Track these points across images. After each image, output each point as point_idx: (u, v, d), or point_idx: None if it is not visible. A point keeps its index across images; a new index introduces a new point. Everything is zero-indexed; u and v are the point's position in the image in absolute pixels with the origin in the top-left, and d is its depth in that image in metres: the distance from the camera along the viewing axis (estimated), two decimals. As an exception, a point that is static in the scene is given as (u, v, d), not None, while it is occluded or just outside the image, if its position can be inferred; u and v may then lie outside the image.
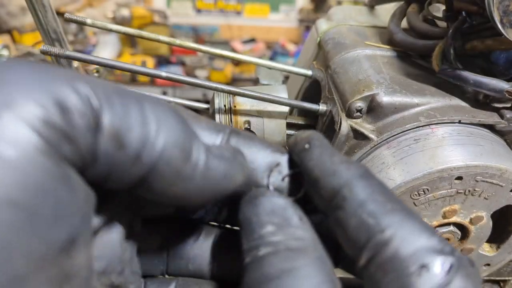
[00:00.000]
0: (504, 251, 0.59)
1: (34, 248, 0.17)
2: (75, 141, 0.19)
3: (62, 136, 0.18)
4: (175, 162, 0.22)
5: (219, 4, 3.95)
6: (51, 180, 0.18)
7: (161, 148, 0.21)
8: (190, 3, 3.94)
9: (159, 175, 0.22)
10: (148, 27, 3.31)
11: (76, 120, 0.19)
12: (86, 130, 0.19)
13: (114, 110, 0.20)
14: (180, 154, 0.22)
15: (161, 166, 0.21)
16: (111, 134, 0.20)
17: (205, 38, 3.74)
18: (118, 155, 0.20)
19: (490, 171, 0.49)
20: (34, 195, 0.17)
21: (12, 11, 2.90)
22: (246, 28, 3.94)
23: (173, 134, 0.22)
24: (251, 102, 0.60)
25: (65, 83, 0.19)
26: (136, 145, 0.21)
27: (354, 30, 0.70)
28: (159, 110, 0.22)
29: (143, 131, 0.21)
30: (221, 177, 0.24)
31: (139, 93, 0.22)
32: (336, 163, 0.24)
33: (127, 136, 0.20)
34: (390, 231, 0.21)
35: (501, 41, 0.52)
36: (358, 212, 0.22)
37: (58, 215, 0.18)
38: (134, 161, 0.21)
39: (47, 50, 0.54)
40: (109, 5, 3.61)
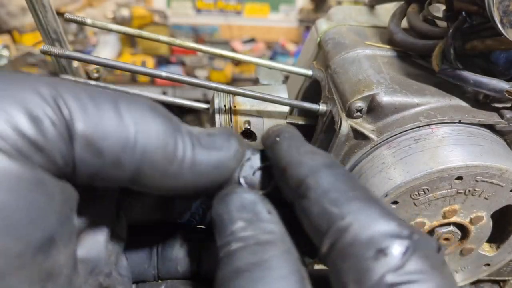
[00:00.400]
0: (504, 251, 0.59)
1: (10, 247, 0.18)
2: (47, 150, 0.19)
3: (33, 146, 0.19)
4: (160, 163, 0.22)
5: (219, 4, 3.95)
6: (24, 185, 0.18)
7: (142, 151, 0.21)
8: (190, 3, 3.95)
9: (145, 176, 0.22)
10: (148, 27, 3.32)
11: (47, 130, 0.19)
12: (59, 140, 0.19)
13: (87, 116, 0.20)
14: (163, 155, 0.22)
15: (146, 168, 0.22)
16: (86, 142, 0.20)
17: (205, 38, 3.74)
18: (96, 161, 0.21)
19: (490, 171, 0.49)
20: (7, 199, 0.18)
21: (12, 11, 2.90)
22: (246, 28, 3.94)
23: (154, 135, 0.22)
24: (251, 102, 0.60)
25: (35, 91, 0.19)
26: (115, 151, 0.21)
27: (354, 30, 0.70)
28: (137, 110, 0.22)
29: (121, 136, 0.21)
30: (211, 169, 0.24)
31: (114, 93, 0.22)
32: (302, 154, 0.24)
33: (103, 143, 0.20)
34: (349, 218, 0.21)
35: (501, 41, 0.52)
36: (320, 200, 0.22)
37: (32, 216, 0.19)
38: (114, 165, 0.21)
39: (47, 50, 0.54)
40: (109, 5, 3.61)
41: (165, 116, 0.23)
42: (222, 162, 0.25)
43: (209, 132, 0.25)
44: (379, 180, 0.51)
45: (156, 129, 0.22)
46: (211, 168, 0.24)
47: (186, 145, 0.23)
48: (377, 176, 0.52)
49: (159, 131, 0.22)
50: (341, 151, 0.56)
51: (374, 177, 0.52)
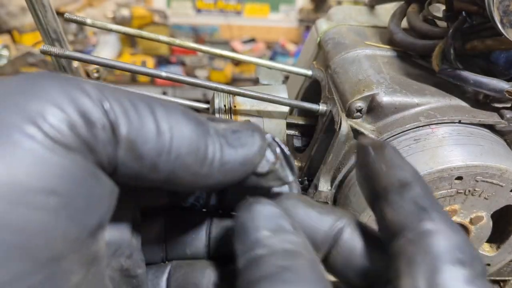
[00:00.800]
0: (504, 251, 0.59)
1: (70, 231, 0.19)
2: (97, 152, 0.21)
3: (86, 146, 0.21)
4: (192, 167, 0.24)
5: (219, 4, 3.95)
6: (84, 174, 0.20)
7: (176, 156, 0.23)
8: (190, 3, 3.95)
9: (178, 178, 0.24)
10: (148, 27, 3.31)
11: (98, 132, 0.21)
12: (107, 143, 0.21)
13: (130, 121, 0.22)
14: (195, 159, 0.23)
15: (179, 171, 0.23)
16: (129, 147, 0.22)
17: (205, 38, 3.74)
18: (136, 165, 0.22)
19: (490, 171, 0.49)
20: (70, 185, 0.20)
21: (12, 11, 2.90)
22: (246, 28, 3.94)
23: (186, 140, 0.23)
24: (251, 102, 0.60)
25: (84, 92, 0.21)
26: (153, 155, 0.22)
27: (354, 30, 0.70)
28: (171, 116, 0.23)
29: (158, 141, 0.22)
30: (238, 166, 0.26)
31: (150, 98, 0.23)
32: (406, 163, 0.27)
33: (143, 148, 0.22)
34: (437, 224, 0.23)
35: (501, 41, 0.52)
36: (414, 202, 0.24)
37: (90, 204, 0.21)
38: (151, 169, 0.23)
39: (47, 50, 0.54)
40: (109, 5, 3.61)
41: (195, 119, 0.24)
42: (248, 159, 0.26)
43: (234, 129, 0.26)
44: (379, 180, 0.51)
45: (189, 134, 0.23)
46: (238, 165, 0.26)
47: (215, 147, 0.24)
48: (377, 176, 0.52)
49: (191, 135, 0.23)
50: (341, 151, 0.56)
51: (374, 177, 0.52)
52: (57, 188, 0.19)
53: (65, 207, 0.19)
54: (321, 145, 0.61)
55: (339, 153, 0.56)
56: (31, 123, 0.19)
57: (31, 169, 0.18)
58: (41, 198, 0.18)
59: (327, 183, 0.59)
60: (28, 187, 0.18)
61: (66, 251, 0.19)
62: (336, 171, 0.58)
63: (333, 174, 0.58)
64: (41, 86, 0.20)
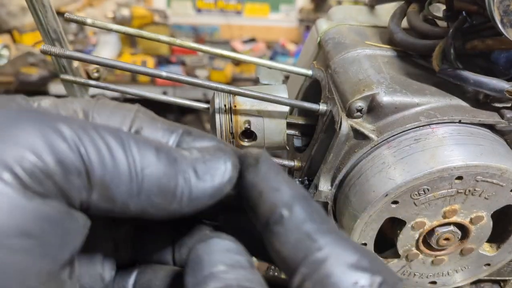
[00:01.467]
0: (504, 251, 0.59)
1: (44, 267, 0.21)
2: (71, 197, 0.22)
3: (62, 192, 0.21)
4: (161, 205, 0.25)
5: (219, 4, 3.95)
6: (57, 215, 0.21)
7: (147, 197, 0.24)
8: (190, 3, 3.95)
9: (148, 214, 0.25)
10: (148, 27, 3.31)
11: (74, 180, 0.22)
12: (82, 189, 0.22)
13: (105, 167, 0.22)
14: (164, 198, 0.24)
15: (148, 209, 0.24)
16: (102, 191, 0.23)
17: (205, 38, 3.74)
18: (108, 205, 0.23)
19: (490, 171, 0.49)
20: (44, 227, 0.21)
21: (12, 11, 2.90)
22: (246, 28, 3.94)
23: (157, 181, 0.24)
24: (251, 102, 0.60)
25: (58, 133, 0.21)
26: (124, 198, 0.23)
27: (354, 30, 0.70)
28: (144, 156, 0.24)
29: (130, 185, 0.23)
30: (208, 198, 0.26)
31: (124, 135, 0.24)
32: (280, 181, 0.25)
33: (115, 191, 0.23)
34: (327, 250, 0.23)
35: (501, 41, 0.52)
36: (297, 229, 0.23)
37: (63, 240, 0.22)
38: (122, 208, 0.24)
39: (47, 50, 0.54)
40: (109, 5, 3.61)
41: (167, 157, 0.25)
42: (217, 190, 0.26)
43: (206, 158, 0.27)
44: (379, 180, 0.51)
45: (159, 174, 0.24)
46: (208, 197, 0.26)
47: (185, 184, 0.25)
48: (377, 176, 0.52)
49: (162, 176, 0.24)
50: (341, 151, 0.56)
51: (374, 177, 0.52)
52: (31, 231, 0.20)
53: (39, 247, 0.20)
54: (321, 145, 0.61)
55: (339, 153, 0.56)
56: (8, 170, 0.20)
57: (6, 214, 0.19)
58: (16, 241, 0.19)
59: (327, 182, 0.59)
60: (4, 231, 0.19)
61: (39, 285, 0.20)
62: (337, 171, 0.58)
63: (333, 174, 0.58)
64: (19, 131, 0.21)
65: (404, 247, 0.57)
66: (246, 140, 0.62)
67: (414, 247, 0.57)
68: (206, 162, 0.26)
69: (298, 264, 0.23)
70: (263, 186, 0.25)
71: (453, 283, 0.63)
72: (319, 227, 0.23)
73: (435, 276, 0.61)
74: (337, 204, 0.59)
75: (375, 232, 0.55)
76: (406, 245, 0.57)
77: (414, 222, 0.54)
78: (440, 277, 0.62)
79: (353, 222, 0.53)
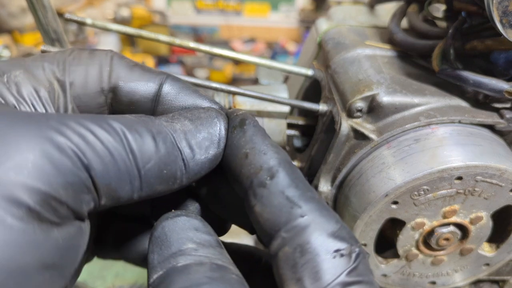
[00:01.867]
0: (503, 251, 0.60)
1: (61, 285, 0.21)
2: (82, 213, 0.23)
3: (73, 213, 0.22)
4: (163, 190, 0.25)
5: (219, 4, 3.95)
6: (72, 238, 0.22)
7: (150, 188, 0.24)
8: (190, 3, 3.95)
9: (151, 197, 0.25)
10: (148, 27, 3.32)
11: (83, 197, 0.22)
12: (91, 200, 0.23)
13: (108, 172, 0.23)
14: (167, 185, 0.25)
15: (152, 195, 0.25)
16: (108, 195, 0.23)
17: (205, 38, 3.74)
18: (114, 203, 0.24)
19: (490, 171, 0.49)
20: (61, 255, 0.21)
21: (12, 12, 2.90)
22: (246, 28, 3.94)
23: (159, 172, 0.24)
24: (251, 102, 0.60)
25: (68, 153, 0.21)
26: (129, 195, 0.24)
27: (354, 30, 0.70)
28: (145, 150, 0.24)
29: (134, 183, 0.24)
30: (206, 170, 0.27)
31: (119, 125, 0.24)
32: (267, 145, 0.25)
33: (121, 192, 0.23)
34: (310, 216, 0.23)
35: (500, 41, 0.52)
36: (282, 193, 0.23)
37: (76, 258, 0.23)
38: (128, 200, 0.24)
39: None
40: (109, 5, 3.61)
41: (165, 144, 0.25)
42: (213, 161, 0.27)
43: (198, 128, 0.27)
44: (379, 180, 0.52)
45: (160, 166, 0.24)
46: (206, 169, 0.27)
47: (184, 165, 0.26)
48: (377, 176, 0.52)
49: (163, 165, 0.25)
50: (341, 151, 0.56)
51: (374, 177, 0.52)
52: (51, 261, 0.20)
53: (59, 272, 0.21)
54: (321, 145, 0.61)
55: (339, 153, 0.56)
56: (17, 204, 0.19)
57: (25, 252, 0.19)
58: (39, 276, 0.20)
59: (327, 183, 0.59)
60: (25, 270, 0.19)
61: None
62: (337, 171, 0.58)
63: (333, 174, 0.58)
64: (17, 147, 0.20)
65: (403, 247, 0.57)
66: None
67: (413, 247, 0.57)
68: (199, 132, 0.26)
69: (278, 228, 0.23)
70: (249, 148, 0.25)
71: (453, 283, 0.63)
72: (303, 193, 0.23)
73: (435, 276, 0.61)
74: (337, 205, 0.59)
75: (375, 232, 0.55)
76: (405, 245, 0.57)
77: (414, 223, 0.54)
78: (440, 277, 0.62)
79: (353, 222, 0.53)
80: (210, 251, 0.23)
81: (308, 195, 0.23)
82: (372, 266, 0.59)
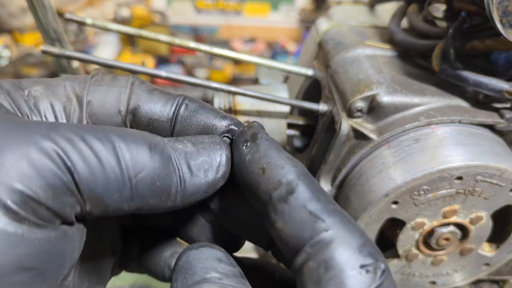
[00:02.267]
0: (503, 251, 0.60)
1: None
2: (66, 216, 0.22)
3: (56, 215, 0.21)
4: (155, 205, 0.25)
5: (219, 4, 3.95)
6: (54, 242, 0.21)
7: (141, 200, 0.24)
8: (190, 3, 3.94)
9: (143, 211, 0.25)
10: (148, 27, 3.32)
11: (67, 199, 0.22)
12: (75, 204, 0.22)
13: (95, 179, 0.22)
14: (159, 199, 0.24)
15: (143, 209, 0.24)
16: (95, 202, 0.23)
17: (205, 38, 3.74)
18: (102, 211, 0.23)
19: (490, 171, 0.49)
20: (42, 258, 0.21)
21: (12, 12, 2.90)
22: (246, 28, 3.94)
23: (151, 184, 0.24)
24: (251, 102, 0.60)
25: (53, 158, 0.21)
26: (118, 204, 0.23)
27: (354, 30, 0.70)
28: (137, 159, 0.23)
29: (124, 193, 0.23)
30: (201, 194, 0.26)
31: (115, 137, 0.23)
32: (284, 158, 0.25)
33: (108, 200, 0.23)
34: (334, 230, 0.22)
35: (500, 41, 0.52)
36: (303, 208, 0.23)
37: (61, 262, 0.22)
38: (116, 211, 0.24)
39: (48, 50, 0.54)
40: (109, 5, 3.61)
41: (161, 157, 0.24)
42: (211, 186, 0.26)
43: (200, 152, 0.26)
44: (379, 180, 0.52)
45: (153, 178, 0.24)
46: (202, 193, 0.26)
47: (179, 184, 0.25)
48: (377, 176, 0.52)
49: (156, 179, 0.24)
50: (341, 151, 0.56)
51: (374, 177, 0.52)
52: (30, 264, 0.20)
53: (38, 275, 0.20)
54: (321, 145, 0.61)
55: (339, 153, 0.56)
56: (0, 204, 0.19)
57: (3, 253, 0.19)
58: (16, 277, 0.19)
59: (328, 183, 0.59)
60: (2, 270, 0.19)
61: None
62: (337, 171, 0.58)
63: (334, 174, 0.58)
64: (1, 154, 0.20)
65: (403, 247, 0.57)
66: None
67: (413, 247, 0.57)
68: (200, 156, 0.26)
69: (302, 244, 0.22)
70: (266, 163, 0.25)
71: (453, 283, 0.63)
72: (326, 206, 0.23)
73: (435, 276, 0.61)
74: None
75: (376, 232, 0.55)
76: (405, 245, 0.57)
77: (414, 222, 0.54)
78: (440, 277, 0.62)
79: (353, 222, 0.53)
80: (233, 281, 0.23)
81: (330, 207, 0.23)
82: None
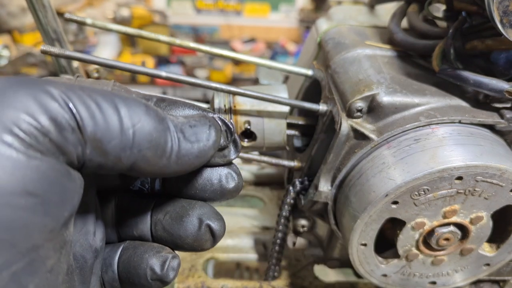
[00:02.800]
0: (504, 251, 0.59)
1: (46, 224, 0.22)
2: (68, 153, 0.23)
3: (58, 149, 0.23)
4: (151, 159, 0.26)
5: (219, 4, 3.95)
6: (57, 174, 0.23)
7: (138, 150, 0.25)
8: (190, 3, 3.94)
9: (139, 168, 0.26)
10: (148, 27, 3.32)
11: (68, 135, 0.23)
12: (77, 144, 0.24)
13: (96, 123, 0.24)
14: (155, 153, 0.26)
15: (140, 163, 0.26)
16: (95, 145, 0.24)
17: (205, 38, 3.74)
18: (102, 159, 0.25)
19: (490, 171, 0.49)
20: (46, 186, 0.22)
21: (12, 11, 2.90)
22: (246, 28, 3.94)
23: (148, 136, 0.26)
24: (251, 102, 0.60)
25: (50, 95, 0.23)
26: (117, 151, 0.25)
27: (354, 30, 0.70)
28: (134, 113, 0.25)
29: (122, 138, 0.25)
30: (194, 158, 0.29)
31: (113, 96, 0.25)
32: None
33: (108, 145, 0.24)
34: None
35: (501, 41, 0.52)
36: None
37: (63, 199, 0.23)
38: (115, 162, 0.25)
39: (47, 50, 0.54)
40: (109, 5, 3.61)
41: (156, 116, 0.27)
42: (202, 152, 0.29)
43: (192, 124, 0.29)
44: (379, 180, 0.51)
45: (150, 130, 0.26)
46: (194, 158, 0.28)
47: (174, 142, 0.27)
48: (377, 176, 0.52)
49: (152, 132, 0.26)
50: (341, 151, 0.56)
51: (374, 177, 0.52)
52: (34, 189, 0.21)
53: (42, 205, 0.22)
54: (321, 145, 0.61)
55: (339, 153, 0.56)
56: (8, 131, 0.21)
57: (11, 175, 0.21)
58: (20, 200, 0.21)
59: (327, 183, 0.59)
60: (10, 190, 0.21)
61: (43, 241, 0.22)
62: (337, 171, 0.58)
63: (334, 174, 0.58)
64: (12, 95, 0.22)
65: (404, 247, 0.57)
66: (246, 140, 0.62)
67: (414, 247, 0.57)
68: (191, 126, 0.29)
69: None
70: None
71: (453, 283, 0.63)
72: None
73: (435, 276, 0.61)
74: (337, 204, 0.59)
75: (375, 232, 0.55)
76: (406, 245, 0.57)
77: (414, 222, 0.54)
78: (440, 277, 0.62)
79: (353, 222, 0.53)
80: None
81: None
82: (372, 266, 0.59)
